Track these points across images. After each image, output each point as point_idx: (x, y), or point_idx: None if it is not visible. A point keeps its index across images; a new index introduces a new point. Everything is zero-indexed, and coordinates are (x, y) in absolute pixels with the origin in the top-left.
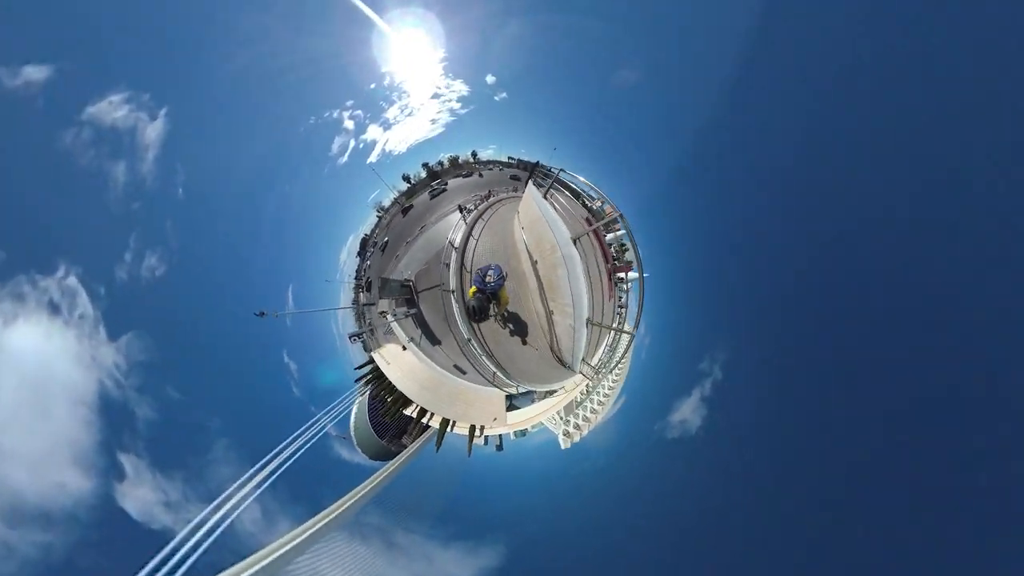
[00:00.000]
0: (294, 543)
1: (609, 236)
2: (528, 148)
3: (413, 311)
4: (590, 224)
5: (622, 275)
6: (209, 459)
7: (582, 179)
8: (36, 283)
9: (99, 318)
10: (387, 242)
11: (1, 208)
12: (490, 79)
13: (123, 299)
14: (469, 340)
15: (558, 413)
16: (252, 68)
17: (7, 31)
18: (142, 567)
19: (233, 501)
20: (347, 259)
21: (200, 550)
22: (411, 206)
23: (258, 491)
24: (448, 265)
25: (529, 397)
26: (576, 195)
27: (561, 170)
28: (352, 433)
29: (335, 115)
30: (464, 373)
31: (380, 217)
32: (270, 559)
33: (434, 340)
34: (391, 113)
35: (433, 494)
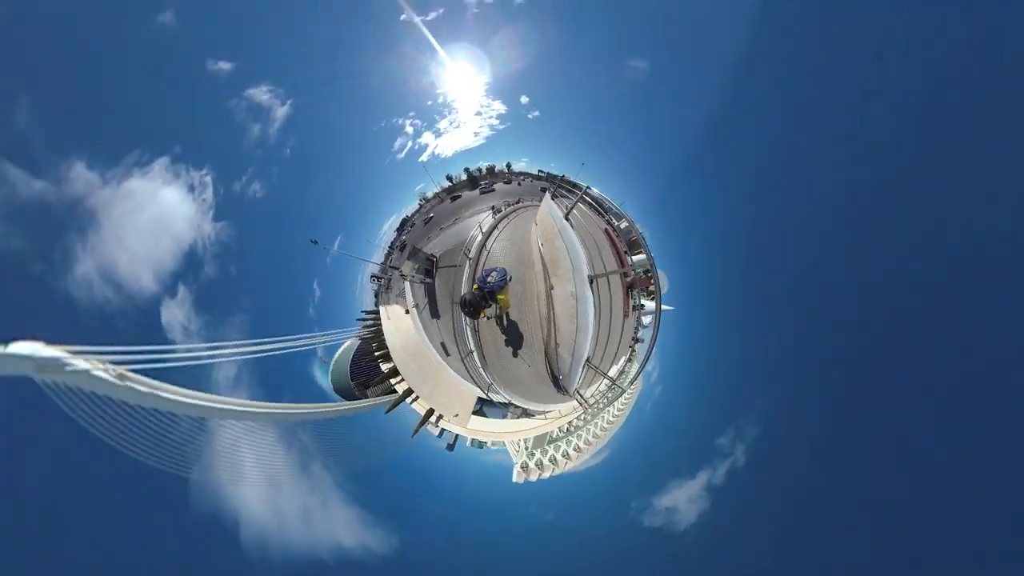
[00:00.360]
0: (239, 408)
1: (634, 258)
2: (558, 162)
3: (428, 282)
4: (610, 236)
5: (640, 298)
6: (227, 320)
7: (594, 191)
8: (189, 171)
9: (213, 205)
10: (431, 217)
11: (189, 128)
12: (524, 99)
13: (231, 200)
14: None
15: (525, 441)
16: (351, 81)
17: (220, 39)
18: (143, 343)
19: (225, 351)
20: (387, 231)
21: (183, 363)
22: (460, 195)
23: (242, 356)
24: (468, 252)
25: (501, 410)
26: (600, 211)
27: (588, 187)
28: (332, 362)
29: (400, 122)
30: (448, 355)
31: (421, 204)
32: (218, 406)
33: (435, 314)
34: (442, 124)
35: (364, 453)
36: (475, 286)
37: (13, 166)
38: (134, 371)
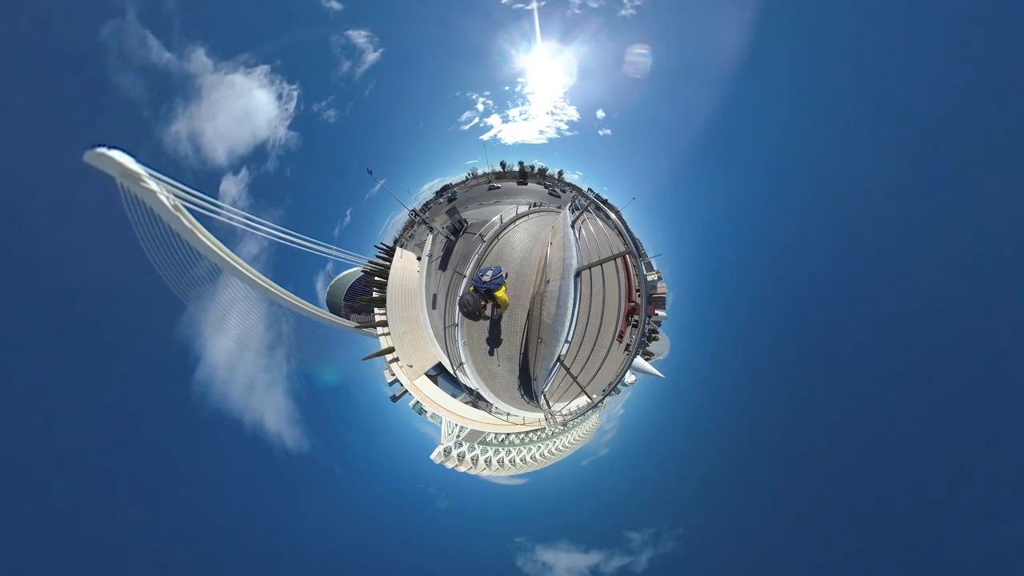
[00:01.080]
0: (248, 273)
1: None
2: (611, 187)
3: (452, 238)
4: (626, 263)
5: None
6: (268, 209)
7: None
8: (282, 83)
9: (292, 116)
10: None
11: (294, 49)
12: (600, 114)
13: (308, 117)
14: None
15: (461, 428)
16: (444, 46)
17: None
18: (187, 189)
19: (258, 226)
20: (427, 190)
21: (224, 217)
22: (499, 187)
23: (270, 236)
24: (483, 236)
25: (454, 388)
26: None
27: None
28: (336, 278)
29: (474, 97)
30: (433, 308)
31: (468, 178)
32: (233, 263)
33: (442, 266)
34: (513, 112)
35: (322, 360)
36: (471, 287)
37: (153, 36)
38: (187, 208)
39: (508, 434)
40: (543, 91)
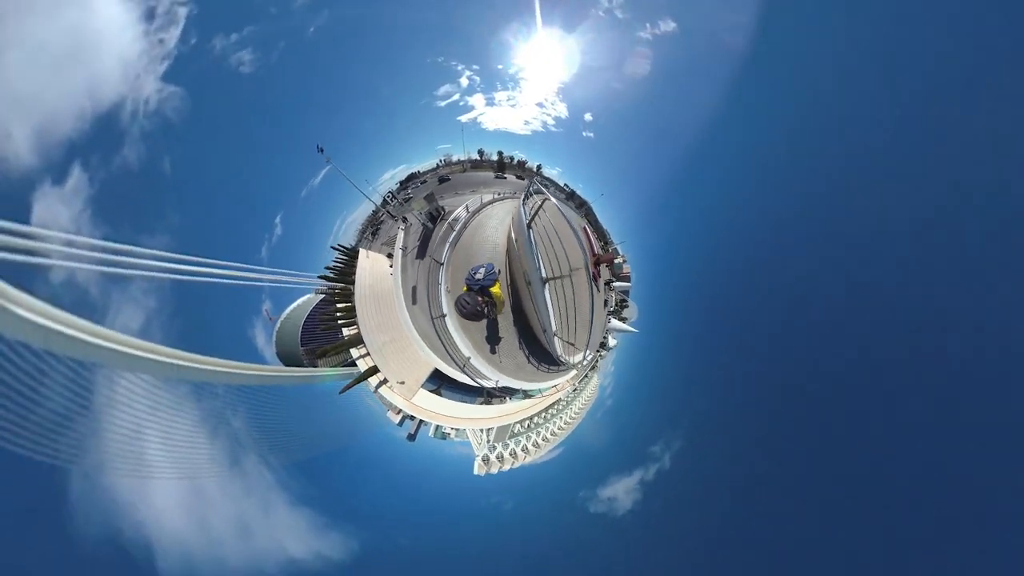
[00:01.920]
0: (149, 355)
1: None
2: (585, 185)
3: (429, 226)
4: (586, 233)
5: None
6: (141, 232)
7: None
8: None
9: (171, 56)
10: (448, 179)
11: None
12: (588, 116)
13: (199, 58)
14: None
15: (487, 433)
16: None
17: None
18: None
19: (132, 259)
20: (388, 179)
21: (62, 263)
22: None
23: (155, 276)
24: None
25: (461, 393)
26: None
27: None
28: (280, 321)
29: (458, 68)
30: (415, 304)
31: (439, 166)
32: (119, 346)
33: (420, 254)
34: (499, 96)
35: (312, 436)
36: (465, 287)
37: None
38: None
39: (531, 418)
40: (538, 81)
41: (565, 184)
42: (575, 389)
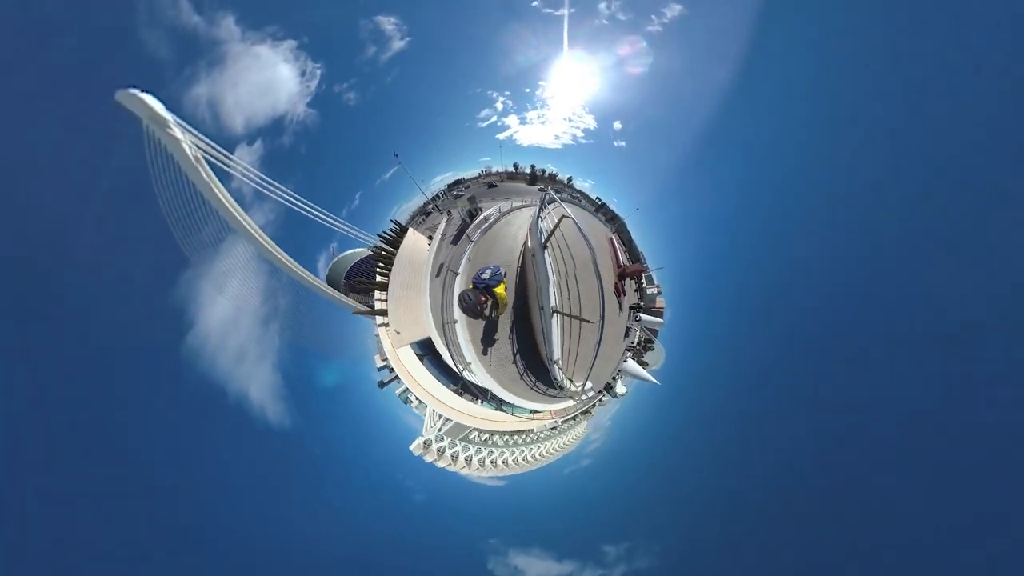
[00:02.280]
0: (255, 234)
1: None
2: (619, 199)
3: (467, 221)
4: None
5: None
6: (277, 181)
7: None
8: (306, 60)
9: (313, 94)
10: (494, 185)
11: (322, 28)
12: (617, 125)
13: (328, 97)
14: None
15: (443, 420)
16: (470, 43)
17: None
18: None
19: (272, 187)
20: (438, 181)
21: (240, 174)
22: (500, 183)
23: (281, 199)
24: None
25: (445, 377)
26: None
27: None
28: (339, 257)
29: (494, 95)
30: (436, 276)
31: (480, 175)
32: (242, 221)
33: (455, 240)
34: (531, 115)
35: (314, 336)
36: (471, 284)
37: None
38: (206, 162)
39: (492, 434)
40: (563, 97)
41: (597, 197)
42: (555, 427)
